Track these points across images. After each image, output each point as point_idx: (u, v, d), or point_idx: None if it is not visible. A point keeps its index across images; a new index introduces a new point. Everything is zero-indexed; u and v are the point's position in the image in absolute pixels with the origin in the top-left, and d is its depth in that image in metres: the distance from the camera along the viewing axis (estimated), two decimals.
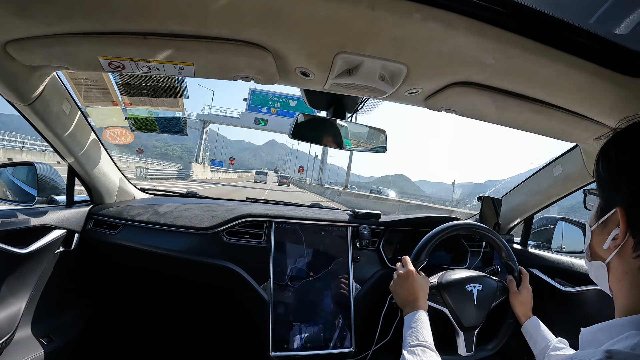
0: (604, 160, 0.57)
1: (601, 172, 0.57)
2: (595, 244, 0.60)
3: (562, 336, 1.07)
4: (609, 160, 0.56)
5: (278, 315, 1.32)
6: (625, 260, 0.53)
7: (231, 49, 0.77)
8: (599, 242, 0.58)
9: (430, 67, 0.79)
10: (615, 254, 0.54)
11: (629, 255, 0.52)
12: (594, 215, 0.60)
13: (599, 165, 0.58)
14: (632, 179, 0.52)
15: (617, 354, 0.44)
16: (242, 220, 1.42)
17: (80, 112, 1.22)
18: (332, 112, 1.23)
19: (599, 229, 0.58)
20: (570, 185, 1.37)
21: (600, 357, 0.44)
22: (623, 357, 0.43)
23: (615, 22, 0.63)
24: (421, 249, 1.19)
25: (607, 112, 0.87)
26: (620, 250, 0.53)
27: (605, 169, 0.56)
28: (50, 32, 0.75)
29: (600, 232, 0.58)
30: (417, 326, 0.96)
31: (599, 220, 0.58)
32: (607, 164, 0.56)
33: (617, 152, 0.55)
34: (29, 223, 1.16)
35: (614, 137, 0.57)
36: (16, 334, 1.14)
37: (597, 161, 0.58)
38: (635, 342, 0.45)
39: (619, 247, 0.53)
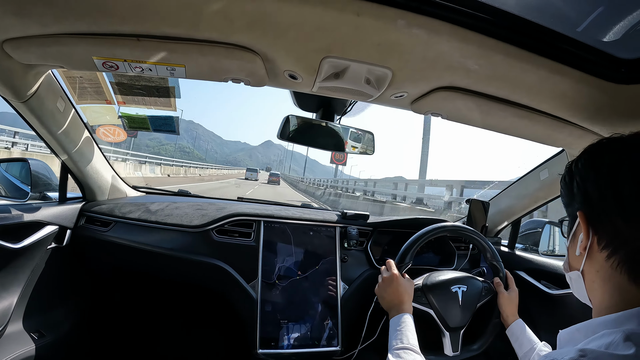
0: (562, 182, 0.63)
1: (562, 191, 0.63)
2: (570, 256, 0.63)
3: (547, 338, 1.08)
4: (565, 179, 0.62)
5: (266, 313, 1.34)
6: (595, 260, 0.56)
7: (222, 51, 0.79)
8: (573, 252, 0.61)
9: (415, 72, 0.81)
10: (585, 257, 0.57)
11: (597, 252, 0.55)
12: (567, 233, 0.64)
13: (561, 187, 0.64)
14: (578, 183, 0.58)
15: (591, 353, 0.45)
16: (231, 219, 1.43)
17: (74, 110, 1.24)
18: (321, 114, 1.24)
19: (571, 243, 0.62)
20: (556, 189, 1.40)
21: (573, 355, 0.45)
22: (596, 356, 0.44)
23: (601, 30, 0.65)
24: (405, 251, 1.20)
25: (591, 118, 0.89)
26: (589, 253, 0.56)
27: (563, 186, 0.63)
28: (46, 32, 0.76)
29: (572, 244, 0.61)
30: (402, 329, 0.98)
31: (570, 234, 0.62)
32: (564, 182, 0.62)
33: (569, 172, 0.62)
34: (21, 218, 1.17)
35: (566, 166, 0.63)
36: (7, 328, 1.15)
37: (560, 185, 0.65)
38: (609, 340, 0.47)
39: (587, 249, 0.56)
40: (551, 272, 1.51)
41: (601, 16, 0.63)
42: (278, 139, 1.17)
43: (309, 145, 1.25)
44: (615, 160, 0.54)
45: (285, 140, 1.21)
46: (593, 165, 0.57)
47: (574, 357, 0.45)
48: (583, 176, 0.57)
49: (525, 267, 1.59)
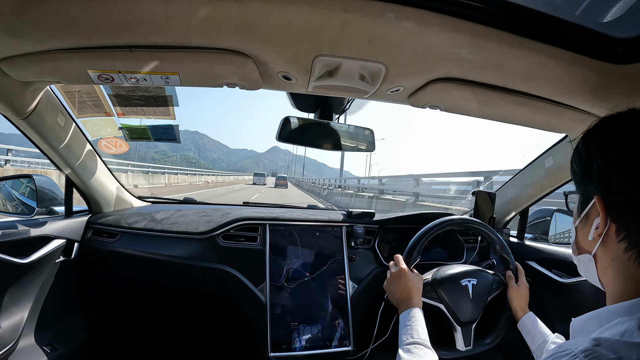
0: (576, 156, 0.59)
1: (575, 168, 0.59)
2: (580, 238, 0.60)
3: (561, 327, 1.06)
4: (580, 154, 0.58)
5: (275, 316, 1.33)
6: (610, 247, 0.53)
7: (214, 57, 0.79)
8: (583, 235, 0.58)
9: (408, 65, 0.80)
10: (599, 243, 0.54)
11: (613, 241, 0.52)
12: (576, 211, 0.61)
13: (573, 163, 0.60)
14: (599, 166, 0.53)
15: (605, 341, 0.43)
16: (237, 224, 1.44)
17: (75, 124, 1.25)
18: (319, 114, 1.24)
19: (581, 224, 0.59)
20: (562, 177, 1.38)
21: (587, 344, 0.43)
22: (611, 344, 0.43)
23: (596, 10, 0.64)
24: (413, 246, 1.20)
25: (590, 100, 0.87)
26: (604, 239, 0.54)
27: (577, 163, 0.58)
28: (41, 48, 0.77)
29: (583, 226, 0.59)
30: (411, 324, 0.97)
31: (581, 215, 0.59)
32: (579, 158, 0.58)
33: (585, 146, 0.57)
34: (29, 234, 1.19)
35: (583, 135, 0.59)
36: (19, 342, 1.16)
37: (572, 159, 0.61)
38: (624, 328, 0.45)
39: (602, 236, 0.53)
40: (562, 260, 1.49)
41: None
42: (277, 140, 1.17)
43: (308, 145, 1.24)
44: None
45: (284, 141, 1.21)
46: (616, 143, 0.53)
47: (588, 346, 0.43)
48: (604, 156, 0.53)
49: (535, 257, 1.57)
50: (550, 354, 0.48)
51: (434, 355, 0.89)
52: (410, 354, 0.89)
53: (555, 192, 1.52)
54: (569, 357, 0.43)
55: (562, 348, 0.46)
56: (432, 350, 0.90)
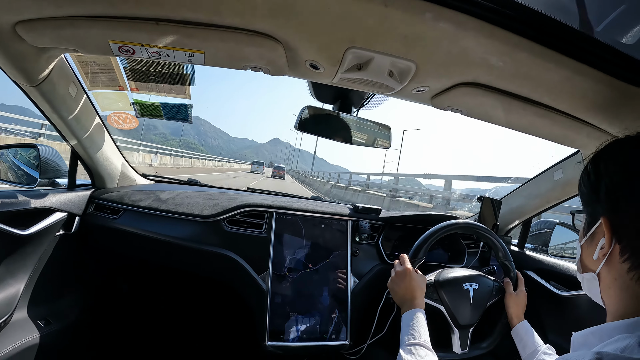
0: (584, 176, 0.60)
1: (583, 188, 0.61)
2: (584, 257, 0.62)
3: (555, 339, 1.07)
4: (588, 175, 0.59)
5: (275, 305, 1.33)
6: (614, 267, 0.54)
7: (243, 38, 0.77)
8: (588, 254, 0.60)
9: (439, 66, 0.79)
10: (604, 263, 0.56)
11: (617, 262, 0.53)
12: (582, 230, 0.63)
13: (581, 183, 0.61)
14: (608, 188, 0.55)
15: (607, 356, 0.44)
16: (243, 210, 1.42)
17: (86, 96, 1.22)
18: (338, 106, 1.23)
19: (587, 243, 0.61)
20: (569, 190, 1.38)
21: (590, 357, 0.44)
22: (612, 359, 0.44)
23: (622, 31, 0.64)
24: (419, 247, 1.20)
25: (609, 120, 0.88)
26: (608, 259, 0.55)
27: (586, 184, 0.60)
28: (61, 13, 0.74)
29: (588, 245, 0.60)
30: (414, 325, 0.97)
31: (587, 235, 0.60)
32: (587, 178, 0.59)
33: (594, 168, 0.58)
34: (29, 205, 1.16)
35: (592, 156, 0.60)
36: (14, 315, 1.15)
37: (580, 179, 0.62)
38: (625, 344, 0.46)
39: (607, 256, 0.55)
40: (561, 273, 1.50)
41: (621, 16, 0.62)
42: (295, 129, 1.16)
43: (326, 136, 1.23)
44: None
45: (303, 131, 1.20)
46: (625, 167, 0.54)
47: (591, 359, 0.44)
48: (612, 178, 0.55)
49: (534, 267, 1.58)
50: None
51: (434, 358, 0.89)
52: (411, 355, 0.89)
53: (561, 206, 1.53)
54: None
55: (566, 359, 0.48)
56: (433, 353, 0.90)
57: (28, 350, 1.17)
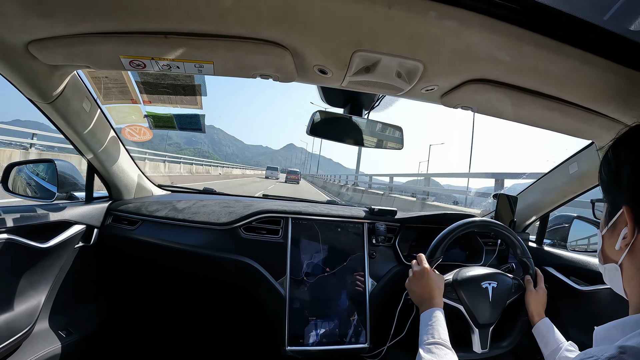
0: (605, 164, 0.59)
1: (604, 176, 0.59)
2: (606, 247, 0.60)
3: (576, 335, 1.05)
4: (609, 163, 0.58)
5: (294, 310, 1.33)
6: (637, 257, 0.53)
7: (250, 47, 0.78)
8: (610, 244, 0.58)
9: (446, 64, 0.79)
10: (626, 253, 0.55)
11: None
12: (603, 220, 0.61)
13: (602, 171, 0.60)
14: (630, 176, 0.53)
15: (631, 349, 0.43)
16: (259, 216, 1.43)
17: (100, 110, 1.25)
18: (348, 109, 1.23)
19: (608, 233, 0.59)
20: (586, 183, 1.36)
21: (613, 352, 0.43)
22: (636, 352, 0.43)
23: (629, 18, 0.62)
24: (436, 246, 1.19)
25: (621, 109, 0.86)
26: (631, 249, 0.54)
27: (607, 172, 0.58)
28: (72, 32, 0.76)
29: (610, 235, 0.59)
30: (433, 324, 0.97)
31: (608, 224, 0.59)
32: (608, 166, 0.58)
33: (615, 154, 0.57)
34: (49, 218, 1.19)
35: (613, 142, 0.59)
36: (35, 326, 1.17)
37: (600, 167, 0.61)
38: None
39: (629, 246, 0.54)
40: (580, 268, 1.47)
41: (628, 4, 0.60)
42: (307, 134, 1.17)
43: (337, 140, 1.24)
44: None
45: (314, 135, 1.20)
46: None
47: (614, 354, 0.43)
48: (634, 165, 0.53)
49: (553, 263, 1.55)
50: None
51: (454, 357, 0.89)
52: (431, 354, 0.88)
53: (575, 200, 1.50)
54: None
55: (588, 355, 0.46)
56: (453, 352, 0.90)
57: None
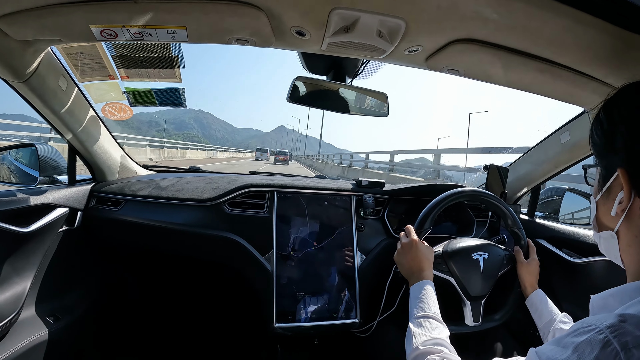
0: (597, 126, 0.56)
1: (596, 139, 0.57)
2: (601, 214, 0.58)
3: (570, 307, 1.05)
4: (601, 124, 0.55)
5: (282, 286, 1.31)
6: (634, 223, 0.51)
7: (224, 9, 0.76)
8: (605, 211, 0.56)
9: (430, 22, 0.76)
10: (623, 219, 0.53)
11: (638, 217, 0.50)
12: (597, 185, 0.59)
13: (593, 134, 0.57)
14: (624, 136, 0.51)
15: (631, 318, 0.42)
16: (243, 191, 1.41)
17: (77, 88, 1.22)
18: (331, 76, 1.20)
19: (603, 198, 0.57)
20: (578, 153, 1.34)
21: (613, 320, 0.42)
22: (637, 321, 0.41)
23: None
24: (425, 217, 1.17)
25: (615, 73, 0.84)
26: (627, 214, 0.52)
27: (599, 134, 0.56)
28: (40, 3, 0.75)
29: (604, 201, 0.56)
30: (423, 297, 0.95)
31: (602, 189, 0.57)
32: (600, 128, 0.55)
33: (607, 115, 0.55)
34: (30, 202, 1.16)
35: (604, 103, 0.56)
36: (22, 312, 1.15)
37: (591, 130, 0.58)
38: None
39: (626, 211, 0.51)
40: (573, 240, 1.46)
41: None
42: (287, 101, 1.14)
43: (319, 107, 1.22)
44: None
45: (295, 103, 1.17)
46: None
47: (614, 322, 0.42)
48: (629, 125, 0.51)
49: (545, 235, 1.54)
50: (573, 329, 0.46)
51: (445, 330, 0.87)
52: (421, 328, 0.86)
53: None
54: (594, 333, 0.42)
55: (586, 323, 0.45)
56: (444, 325, 0.88)
57: (38, 346, 1.18)
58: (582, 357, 0.42)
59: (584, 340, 0.43)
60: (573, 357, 0.43)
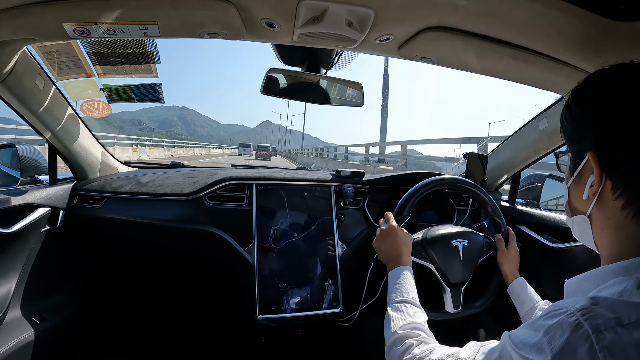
0: (566, 112, 0.57)
1: (566, 125, 0.58)
2: (573, 198, 0.59)
3: (552, 293, 1.06)
4: (570, 110, 0.56)
5: (264, 277, 1.32)
6: (606, 206, 0.52)
7: (194, 2, 0.76)
8: (577, 195, 0.57)
9: (399, 10, 0.77)
10: (595, 202, 0.53)
11: (609, 199, 0.51)
12: (568, 171, 0.60)
13: (563, 119, 0.58)
14: (594, 120, 0.52)
15: (603, 300, 0.42)
16: (223, 184, 1.41)
17: (55, 87, 1.21)
18: (306, 67, 1.20)
19: (574, 183, 0.58)
20: (556, 139, 1.36)
21: (584, 303, 0.42)
22: (609, 304, 0.42)
23: None
24: (404, 204, 1.18)
25: (589, 58, 0.84)
26: (599, 197, 0.52)
27: (568, 119, 0.57)
28: (14, 3, 0.75)
29: (576, 185, 0.57)
30: (401, 282, 0.96)
31: (574, 174, 0.57)
32: (570, 113, 0.56)
33: (576, 101, 0.55)
34: (10, 203, 1.15)
35: (573, 89, 0.57)
36: (7, 314, 1.14)
37: (561, 116, 0.59)
38: (622, 288, 0.44)
39: (597, 194, 0.52)
40: (553, 225, 1.48)
41: None
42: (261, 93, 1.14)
43: (294, 98, 1.22)
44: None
45: (269, 94, 1.18)
46: (610, 95, 0.51)
47: (585, 305, 0.42)
48: (597, 109, 0.52)
49: (526, 221, 1.56)
50: (545, 312, 0.47)
51: (423, 315, 0.88)
52: (399, 312, 0.87)
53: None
54: (565, 316, 0.43)
55: (558, 307, 0.45)
56: (422, 309, 0.89)
57: (24, 347, 1.18)
58: (552, 340, 0.42)
59: (555, 323, 0.43)
60: (544, 340, 0.43)
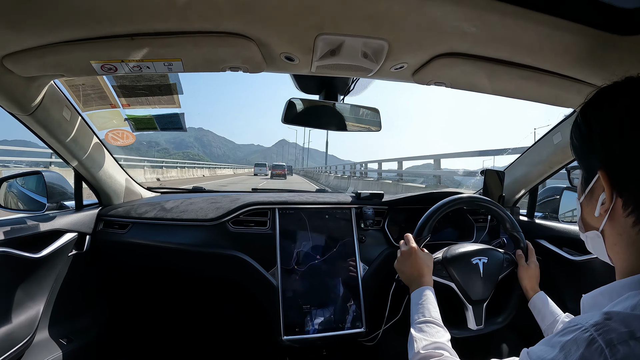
0: (575, 129, 0.57)
1: (575, 142, 0.58)
2: (585, 214, 0.59)
3: (573, 306, 1.04)
4: (579, 127, 0.56)
5: (287, 299, 1.34)
6: (618, 223, 0.52)
7: (216, 40, 0.79)
8: (589, 211, 0.57)
9: (411, 40, 0.79)
10: (606, 219, 0.53)
11: (620, 216, 0.51)
12: (580, 187, 0.60)
13: (572, 137, 0.58)
14: (602, 138, 0.52)
15: (617, 315, 0.43)
16: (246, 209, 1.45)
17: (81, 118, 1.26)
18: (323, 95, 1.24)
19: (586, 200, 0.58)
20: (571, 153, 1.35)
21: (598, 319, 0.43)
22: (622, 318, 0.42)
23: None
24: (423, 225, 1.19)
25: (597, 73, 0.85)
26: (611, 214, 0.52)
27: (577, 137, 0.57)
28: (42, 42, 0.78)
29: (588, 202, 0.57)
30: (423, 302, 0.96)
31: (585, 191, 0.57)
32: (578, 131, 0.56)
33: (584, 118, 0.56)
34: (40, 229, 1.20)
35: (581, 107, 0.57)
36: (36, 336, 1.18)
37: (571, 133, 0.59)
38: (635, 302, 0.45)
39: (609, 211, 0.52)
40: (573, 238, 1.47)
41: None
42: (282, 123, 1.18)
43: (314, 126, 1.25)
44: None
45: (290, 124, 1.21)
46: (616, 112, 0.51)
47: (599, 320, 0.43)
48: (604, 127, 0.52)
49: (545, 235, 1.55)
50: (561, 329, 0.47)
51: (446, 334, 0.88)
52: (422, 333, 0.88)
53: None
54: (579, 332, 0.43)
55: (573, 323, 0.46)
56: (445, 329, 0.90)
57: None
58: (568, 355, 0.43)
59: (570, 339, 0.44)
60: (560, 355, 0.44)
